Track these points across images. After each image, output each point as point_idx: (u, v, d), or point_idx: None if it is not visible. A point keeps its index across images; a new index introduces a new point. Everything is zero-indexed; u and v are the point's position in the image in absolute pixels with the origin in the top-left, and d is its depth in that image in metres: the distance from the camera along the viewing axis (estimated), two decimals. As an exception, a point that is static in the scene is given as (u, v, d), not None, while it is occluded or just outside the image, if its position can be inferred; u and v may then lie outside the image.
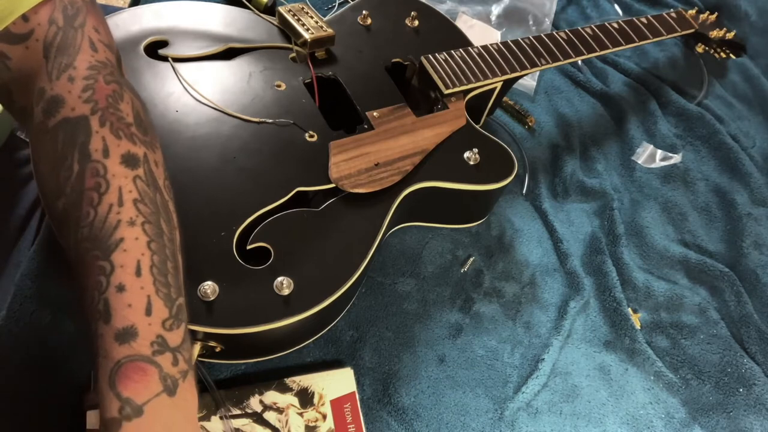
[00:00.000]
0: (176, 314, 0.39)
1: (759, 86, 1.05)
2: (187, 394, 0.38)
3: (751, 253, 0.82)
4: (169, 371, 0.37)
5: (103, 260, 0.37)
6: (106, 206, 0.39)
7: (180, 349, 0.38)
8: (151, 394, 0.36)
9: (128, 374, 0.35)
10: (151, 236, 0.39)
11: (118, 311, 0.36)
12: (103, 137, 0.40)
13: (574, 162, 0.87)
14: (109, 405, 0.35)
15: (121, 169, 0.40)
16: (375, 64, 0.74)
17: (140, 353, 0.36)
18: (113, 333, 0.36)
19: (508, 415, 0.63)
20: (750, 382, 0.72)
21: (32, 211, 0.64)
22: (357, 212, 0.61)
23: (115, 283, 0.37)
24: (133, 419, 0.35)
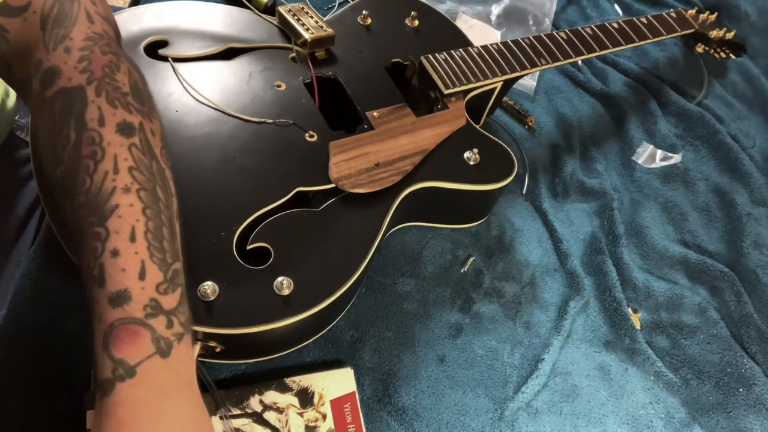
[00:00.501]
0: (171, 278, 0.39)
1: (759, 86, 1.05)
2: (182, 356, 0.38)
3: (751, 253, 0.82)
4: (162, 333, 0.37)
5: (98, 227, 0.38)
6: (102, 174, 0.39)
7: (175, 313, 0.38)
8: (143, 356, 0.36)
9: (121, 336, 0.36)
10: (146, 203, 0.40)
11: (112, 275, 0.37)
12: (99, 106, 0.41)
13: (574, 162, 0.87)
14: (103, 366, 0.36)
15: (116, 138, 0.40)
16: (375, 64, 0.74)
17: (132, 316, 0.37)
18: (107, 297, 0.37)
19: (508, 415, 0.63)
20: (750, 382, 0.72)
21: (32, 211, 0.64)
22: (357, 212, 0.61)
23: (110, 249, 0.38)
24: (126, 380, 0.35)
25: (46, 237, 0.61)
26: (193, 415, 0.38)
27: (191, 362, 0.39)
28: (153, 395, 0.36)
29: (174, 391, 0.37)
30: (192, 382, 0.39)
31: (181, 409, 0.37)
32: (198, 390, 0.39)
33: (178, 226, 0.42)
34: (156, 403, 0.36)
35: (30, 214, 0.64)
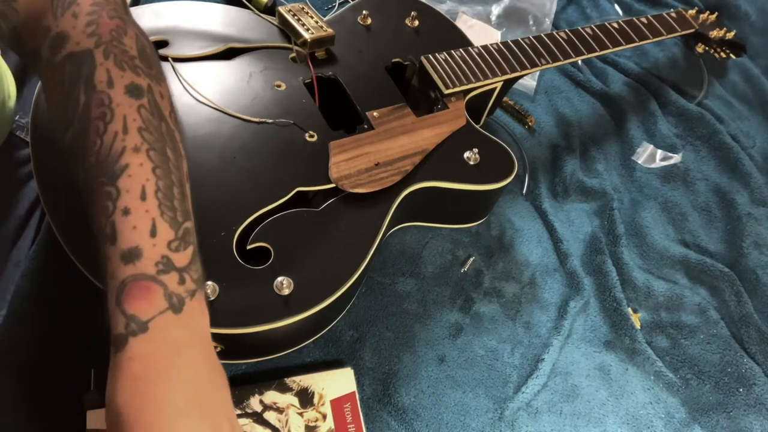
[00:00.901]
0: (182, 236, 0.40)
1: (759, 86, 1.05)
2: (194, 312, 0.39)
3: (751, 253, 0.82)
4: (174, 290, 0.38)
5: (109, 186, 0.39)
6: (112, 134, 0.40)
7: (187, 270, 0.39)
8: (155, 311, 0.37)
9: (133, 292, 0.36)
10: (156, 162, 0.40)
11: (123, 233, 0.38)
12: (108, 69, 0.41)
13: (574, 162, 0.87)
14: (116, 322, 0.36)
15: (125, 99, 0.41)
16: (375, 64, 0.74)
17: (144, 272, 0.37)
18: (119, 254, 0.37)
19: (508, 415, 0.63)
20: (750, 382, 0.72)
21: (32, 211, 0.64)
22: (357, 212, 0.61)
23: (121, 207, 0.38)
24: (138, 335, 0.36)
25: (46, 237, 0.61)
26: (206, 371, 0.38)
27: (204, 319, 0.40)
28: (165, 350, 0.37)
29: (186, 346, 0.38)
30: (205, 339, 0.39)
31: (193, 365, 0.38)
32: (212, 346, 0.40)
33: (188, 188, 0.43)
34: (168, 358, 0.37)
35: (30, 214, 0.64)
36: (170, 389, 0.36)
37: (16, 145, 0.67)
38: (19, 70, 0.69)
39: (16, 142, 0.67)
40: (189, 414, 0.36)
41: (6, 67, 0.66)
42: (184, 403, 0.36)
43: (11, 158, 0.66)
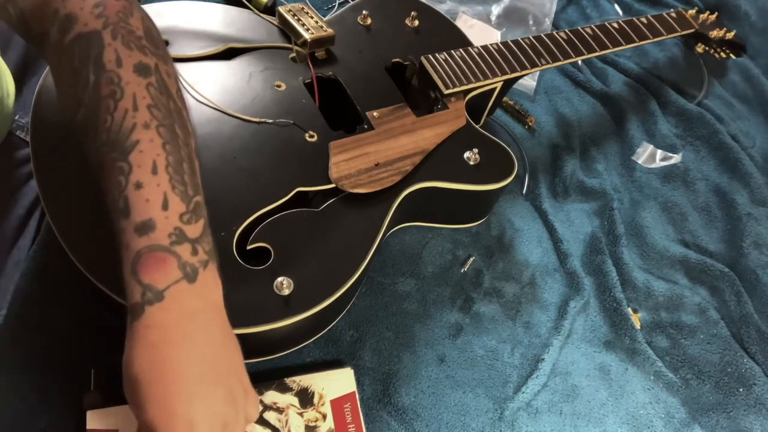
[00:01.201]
0: (193, 209, 0.41)
1: (759, 86, 1.05)
2: (208, 282, 0.40)
3: (751, 253, 0.82)
4: (188, 260, 0.39)
5: (121, 161, 0.40)
6: (122, 112, 0.41)
7: (199, 241, 0.40)
8: (170, 281, 0.38)
9: (148, 262, 0.38)
10: (166, 138, 0.41)
11: (136, 206, 0.39)
12: (116, 49, 0.43)
13: (574, 162, 0.87)
14: (133, 291, 0.38)
15: (134, 77, 0.42)
16: (375, 64, 0.74)
17: (159, 243, 0.38)
18: (133, 226, 0.39)
19: (508, 415, 0.63)
20: (750, 382, 0.72)
21: (32, 211, 0.64)
22: (357, 212, 0.61)
23: (133, 182, 0.39)
24: (154, 303, 0.37)
25: (46, 237, 0.61)
26: (220, 338, 0.40)
27: (218, 289, 0.41)
28: (181, 319, 0.38)
29: (201, 314, 0.39)
30: (219, 308, 0.41)
31: (208, 333, 0.39)
32: (225, 315, 0.41)
33: (197, 164, 0.44)
34: (184, 327, 0.38)
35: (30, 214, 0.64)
36: (186, 357, 0.38)
37: (16, 145, 0.67)
38: (18, 70, 0.69)
39: (16, 142, 0.67)
40: (203, 381, 0.38)
41: (5, 66, 0.66)
42: (200, 370, 0.38)
43: (11, 158, 0.66)
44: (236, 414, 0.40)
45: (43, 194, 0.53)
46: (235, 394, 0.40)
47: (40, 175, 0.54)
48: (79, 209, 0.53)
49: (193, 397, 0.37)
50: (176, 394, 0.37)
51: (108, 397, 0.53)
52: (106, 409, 0.52)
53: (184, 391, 0.37)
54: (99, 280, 0.49)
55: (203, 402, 0.38)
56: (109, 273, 0.50)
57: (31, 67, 0.70)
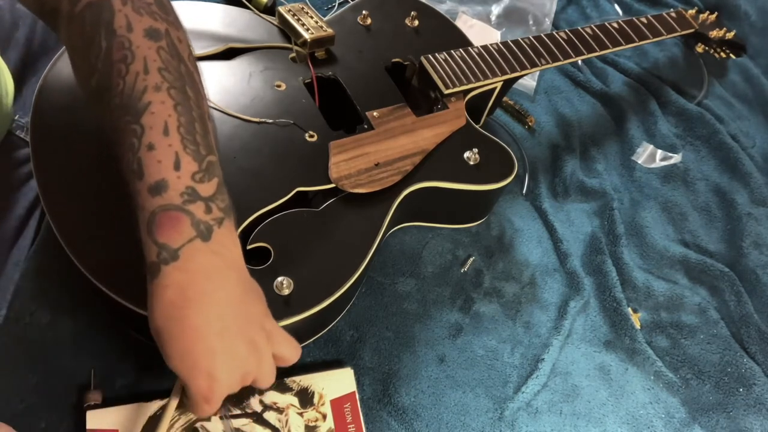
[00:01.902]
0: (206, 168, 0.42)
1: (759, 86, 1.05)
2: (224, 239, 0.41)
3: (751, 253, 0.82)
4: (201, 218, 0.40)
5: (134, 124, 0.41)
6: (133, 75, 0.42)
7: (213, 199, 0.41)
8: (184, 239, 0.39)
9: (161, 222, 0.39)
10: (177, 100, 0.42)
11: (149, 167, 0.40)
12: (126, 15, 0.43)
13: (574, 162, 0.87)
14: (149, 251, 0.39)
15: (144, 41, 0.43)
16: (375, 64, 0.74)
17: (172, 203, 0.40)
18: (146, 187, 0.40)
19: (508, 415, 0.63)
20: (750, 382, 0.72)
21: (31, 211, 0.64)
22: (357, 212, 0.61)
23: (146, 143, 0.40)
24: (170, 263, 0.39)
25: (46, 237, 0.61)
26: (239, 293, 0.41)
27: (235, 246, 0.42)
28: (197, 277, 0.39)
29: (217, 272, 0.40)
30: (237, 264, 0.42)
31: (225, 289, 0.40)
32: (244, 269, 0.43)
33: (210, 126, 0.45)
34: (201, 285, 0.39)
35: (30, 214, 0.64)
36: (205, 314, 0.39)
37: (15, 145, 0.67)
38: (18, 70, 0.69)
39: (16, 142, 0.67)
40: (223, 335, 0.39)
41: (4, 65, 0.66)
42: (219, 326, 0.39)
43: (11, 158, 0.66)
44: (258, 361, 0.42)
45: (43, 194, 0.53)
46: (257, 342, 0.42)
47: (40, 175, 0.54)
48: (79, 209, 0.53)
49: (214, 351, 0.39)
50: (196, 348, 0.39)
51: (108, 397, 0.53)
52: (106, 409, 0.52)
53: (204, 346, 0.39)
54: (99, 280, 0.49)
55: (223, 355, 0.39)
56: (108, 273, 0.50)
57: (30, 67, 0.70)
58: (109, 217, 0.53)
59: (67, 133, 0.56)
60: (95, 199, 0.54)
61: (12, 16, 0.70)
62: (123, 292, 0.49)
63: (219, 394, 0.41)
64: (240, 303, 0.41)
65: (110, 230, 0.52)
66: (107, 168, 0.55)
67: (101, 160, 0.55)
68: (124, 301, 0.49)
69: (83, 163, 0.55)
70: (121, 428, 0.52)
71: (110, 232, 0.52)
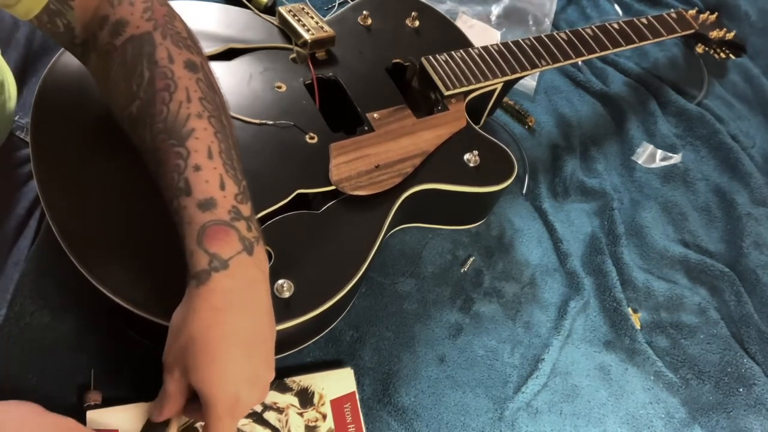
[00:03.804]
0: (244, 191, 0.46)
1: (759, 86, 1.05)
2: (261, 255, 0.46)
3: (751, 253, 0.82)
4: (245, 235, 0.44)
5: (179, 147, 0.45)
6: (177, 103, 0.46)
7: (251, 219, 0.46)
8: (233, 251, 0.43)
9: (214, 234, 0.43)
10: (217, 128, 0.46)
11: (197, 186, 0.44)
12: (167, 47, 0.47)
13: (574, 162, 0.87)
14: (200, 259, 0.42)
15: (185, 73, 0.47)
16: (375, 65, 0.74)
17: (221, 218, 0.43)
18: (196, 203, 0.43)
19: (508, 415, 0.63)
20: (750, 382, 0.72)
21: (31, 211, 0.64)
22: (357, 214, 0.61)
23: (192, 164, 0.44)
24: (220, 271, 0.42)
25: (46, 237, 0.60)
26: (268, 305, 0.46)
27: (266, 263, 0.47)
28: (243, 285, 0.43)
29: (258, 284, 0.45)
30: (268, 277, 0.46)
31: (261, 299, 0.45)
32: (269, 283, 0.47)
33: (239, 153, 0.48)
34: (245, 294, 0.44)
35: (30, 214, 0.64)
36: (244, 322, 0.43)
37: (16, 145, 0.67)
38: (18, 71, 0.69)
39: (16, 142, 0.67)
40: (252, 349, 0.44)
41: (7, 69, 0.66)
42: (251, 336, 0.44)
43: (11, 158, 0.66)
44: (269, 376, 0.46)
45: (43, 194, 0.53)
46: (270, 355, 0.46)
47: (40, 175, 0.54)
48: (79, 210, 0.53)
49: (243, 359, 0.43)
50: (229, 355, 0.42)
51: (108, 397, 0.53)
52: (106, 409, 0.52)
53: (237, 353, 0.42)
54: (98, 281, 0.49)
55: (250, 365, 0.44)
56: (108, 274, 0.50)
57: (30, 68, 0.70)
58: (109, 217, 0.53)
59: (67, 134, 0.56)
60: (95, 199, 0.54)
61: (12, 17, 0.70)
62: (122, 293, 0.49)
63: (245, 406, 0.44)
64: (271, 311, 0.46)
65: (110, 231, 0.52)
66: (107, 168, 0.55)
67: (101, 161, 0.55)
68: (124, 302, 0.49)
69: (83, 164, 0.55)
70: (121, 428, 0.52)
71: (110, 232, 0.52)
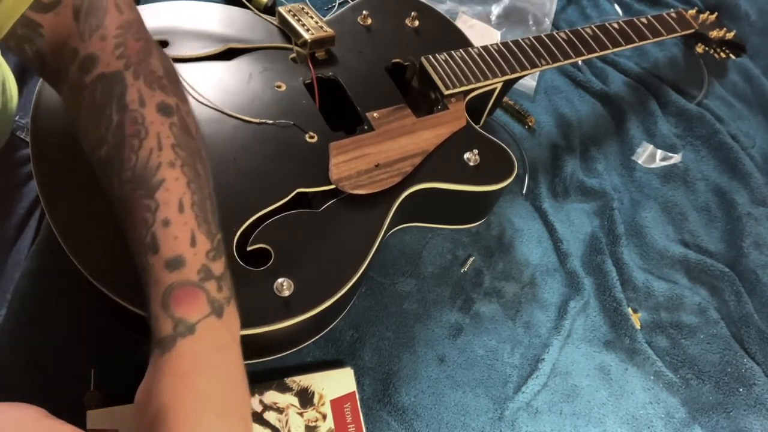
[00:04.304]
0: (217, 247, 0.43)
1: (759, 86, 1.05)
2: (232, 317, 0.42)
3: (751, 253, 0.82)
4: (215, 296, 0.41)
5: (147, 199, 0.41)
6: (147, 150, 0.42)
7: (223, 278, 0.42)
8: (201, 315, 0.39)
9: (180, 297, 0.39)
10: (190, 177, 0.43)
11: (165, 243, 0.40)
12: (138, 89, 0.44)
13: (574, 162, 0.87)
14: (163, 325, 0.39)
15: (157, 117, 0.43)
16: (375, 64, 0.74)
17: (189, 279, 0.40)
18: (163, 262, 0.40)
19: (508, 415, 0.63)
20: (750, 382, 0.72)
21: (32, 211, 0.64)
22: (357, 213, 0.61)
23: (161, 219, 0.41)
24: (186, 336, 0.39)
25: (46, 237, 0.61)
26: (239, 370, 0.42)
27: (238, 324, 0.43)
28: (211, 350, 0.40)
29: (227, 348, 0.41)
30: (239, 341, 0.42)
31: (233, 364, 0.41)
32: (240, 349, 0.43)
33: (215, 203, 0.45)
34: (214, 358, 0.40)
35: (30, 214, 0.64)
36: (215, 386, 0.39)
37: (16, 145, 0.67)
38: (18, 71, 0.69)
39: (16, 142, 0.67)
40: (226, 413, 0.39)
41: (8, 69, 0.66)
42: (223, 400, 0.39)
43: (11, 158, 0.66)
44: None
45: (43, 194, 0.53)
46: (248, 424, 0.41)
47: (40, 175, 0.54)
48: (79, 210, 0.53)
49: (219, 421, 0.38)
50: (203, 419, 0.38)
51: (108, 397, 0.53)
52: (106, 409, 0.52)
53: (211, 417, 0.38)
54: (98, 280, 0.49)
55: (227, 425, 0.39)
56: (108, 273, 0.50)
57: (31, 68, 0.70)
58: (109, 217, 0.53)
59: (68, 134, 0.56)
60: (95, 199, 0.54)
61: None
62: (122, 292, 0.49)
63: None
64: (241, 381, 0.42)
65: (110, 231, 0.52)
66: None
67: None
68: (124, 301, 0.49)
69: (83, 164, 0.55)
70: (121, 428, 0.51)
71: (110, 232, 0.52)
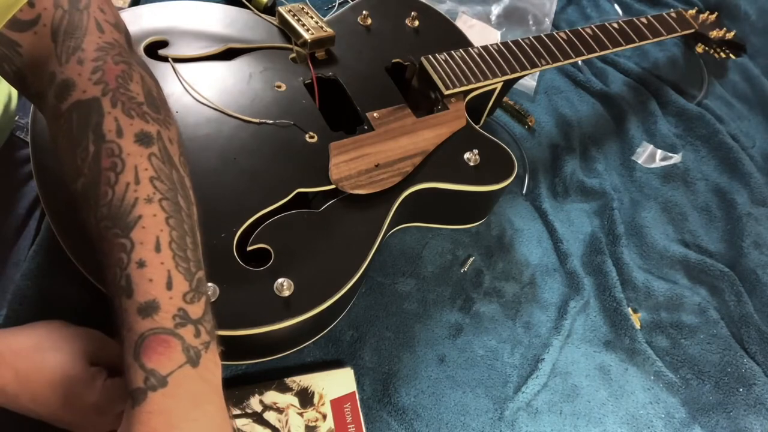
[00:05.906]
0: (196, 287, 0.40)
1: (759, 86, 1.05)
2: (210, 364, 0.39)
3: (751, 253, 0.82)
4: (191, 343, 0.38)
5: (123, 238, 0.38)
6: (123, 185, 0.39)
7: (201, 321, 0.39)
8: (174, 366, 0.37)
9: (152, 346, 0.36)
10: (169, 212, 0.40)
11: (139, 286, 0.38)
12: (116, 117, 0.41)
13: (574, 162, 0.87)
14: (135, 376, 0.36)
15: (135, 148, 0.41)
16: (375, 64, 0.74)
17: (163, 326, 0.37)
18: (136, 307, 0.37)
19: (508, 415, 0.63)
20: (750, 382, 0.72)
21: (31, 211, 0.64)
22: (357, 213, 0.61)
23: (136, 259, 0.38)
24: (158, 389, 0.36)
25: (46, 237, 0.61)
26: (220, 422, 0.39)
27: (218, 370, 0.40)
28: (184, 404, 0.37)
29: (203, 399, 0.38)
30: (218, 389, 0.40)
31: (209, 417, 0.38)
32: (223, 397, 0.40)
33: (199, 235, 0.43)
34: (187, 412, 0.37)
35: (30, 214, 0.64)
36: None
37: (16, 145, 0.67)
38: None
39: (16, 142, 0.67)
40: None
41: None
42: None
43: (11, 158, 0.66)
44: None
45: (43, 194, 0.53)
46: None
47: (40, 175, 0.54)
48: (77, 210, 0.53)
49: None
50: None
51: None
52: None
53: None
54: (98, 280, 0.49)
55: None
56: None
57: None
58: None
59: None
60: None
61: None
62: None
63: None
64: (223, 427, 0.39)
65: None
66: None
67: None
68: None
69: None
70: (122, 429, 0.52)
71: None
